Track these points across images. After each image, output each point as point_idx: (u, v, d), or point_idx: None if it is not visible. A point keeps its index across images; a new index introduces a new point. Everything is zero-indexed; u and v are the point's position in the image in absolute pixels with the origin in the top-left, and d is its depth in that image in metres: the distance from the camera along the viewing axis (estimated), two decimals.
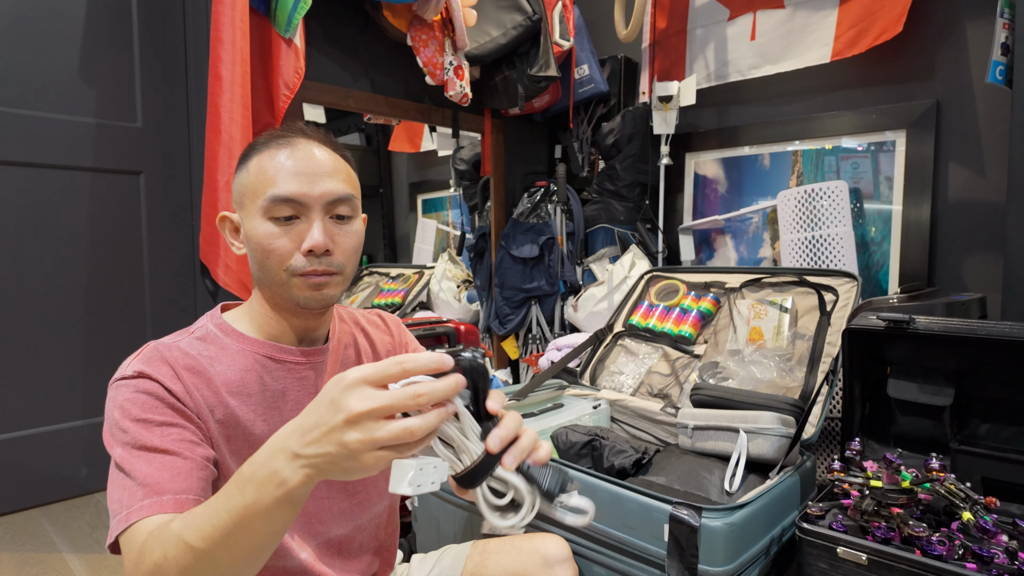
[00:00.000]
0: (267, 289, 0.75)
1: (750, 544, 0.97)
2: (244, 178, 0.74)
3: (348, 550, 0.84)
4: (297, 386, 0.78)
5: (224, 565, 0.55)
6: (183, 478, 0.63)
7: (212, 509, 0.54)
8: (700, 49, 2.27)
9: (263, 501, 0.51)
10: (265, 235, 0.71)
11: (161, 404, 0.66)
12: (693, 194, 2.33)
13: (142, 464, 0.63)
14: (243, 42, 1.50)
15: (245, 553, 0.55)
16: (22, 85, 1.74)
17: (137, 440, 0.64)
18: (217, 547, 0.53)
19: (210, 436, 0.70)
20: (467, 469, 0.53)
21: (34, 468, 1.81)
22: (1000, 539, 0.88)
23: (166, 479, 0.62)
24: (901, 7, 1.76)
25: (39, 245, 1.80)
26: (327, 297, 0.74)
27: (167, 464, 0.63)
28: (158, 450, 0.64)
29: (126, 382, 0.67)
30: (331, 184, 0.73)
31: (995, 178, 1.70)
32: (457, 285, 2.52)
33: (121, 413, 0.65)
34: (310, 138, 0.75)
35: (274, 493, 0.51)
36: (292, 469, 0.50)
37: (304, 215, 0.72)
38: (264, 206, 0.71)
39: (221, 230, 0.78)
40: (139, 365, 0.68)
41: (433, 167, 2.70)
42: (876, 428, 1.22)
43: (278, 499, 0.51)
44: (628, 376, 1.64)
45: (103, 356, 1.93)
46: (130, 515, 0.60)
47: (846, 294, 1.45)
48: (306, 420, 0.51)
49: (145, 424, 0.65)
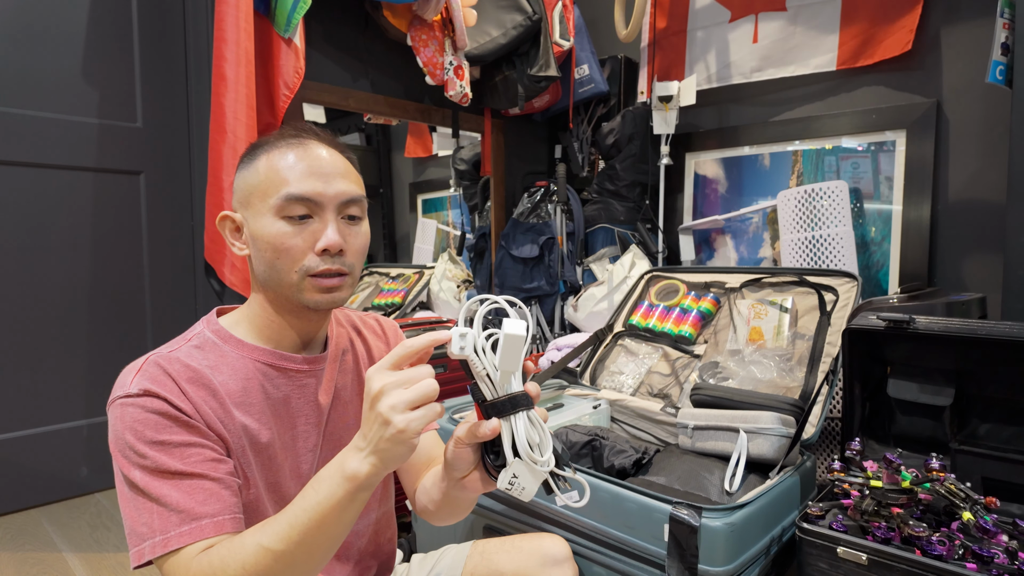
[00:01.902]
0: (272, 291, 0.74)
1: (750, 544, 0.97)
2: (251, 177, 0.73)
3: (345, 555, 0.84)
4: (299, 394, 0.78)
5: (300, 563, 0.60)
6: (214, 500, 0.64)
7: (290, 512, 0.60)
8: (701, 50, 2.26)
9: (336, 495, 0.58)
10: (278, 234, 0.70)
11: (174, 424, 0.65)
12: (693, 194, 2.33)
13: (169, 489, 0.63)
14: (247, 42, 1.51)
15: (320, 549, 0.60)
16: (23, 85, 1.74)
17: (159, 465, 0.63)
18: (297, 546, 0.59)
19: (227, 447, 0.69)
20: (514, 393, 0.61)
21: (34, 468, 1.81)
22: (1000, 539, 0.88)
23: (198, 503, 0.63)
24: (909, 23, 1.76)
25: (39, 244, 1.80)
26: (337, 300, 0.74)
27: (196, 488, 0.64)
28: (183, 474, 0.64)
29: (132, 400, 0.65)
30: (344, 185, 0.73)
31: (995, 178, 1.70)
32: (457, 285, 2.52)
33: (135, 436, 0.64)
34: (320, 139, 0.75)
35: (346, 486, 0.58)
36: (359, 460, 0.58)
37: (318, 215, 0.71)
38: (277, 205, 0.70)
39: (221, 230, 0.76)
40: (143, 382, 0.65)
41: (433, 167, 2.70)
42: (876, 428, 1.22)
43: (350, 491, 0.58)
44: (628, 376, 1.64)
45: (103, 356, 1.93)
46: (168, 541, 0.62)
47: (846, 294, 1.45)
48: (362, 422, 0.59)
49: (163, 447, 0.64)
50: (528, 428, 0.61)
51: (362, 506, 0.61)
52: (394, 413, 0.56)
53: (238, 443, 0.71)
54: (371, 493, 0.60)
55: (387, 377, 0.57)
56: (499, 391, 0.61)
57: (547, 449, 0.62)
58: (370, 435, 0.57)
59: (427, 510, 0.82)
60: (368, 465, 0.58)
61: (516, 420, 0.61)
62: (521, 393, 0.61)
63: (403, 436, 0.56)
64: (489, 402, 0.61)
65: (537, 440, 0.62)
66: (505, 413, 0.60)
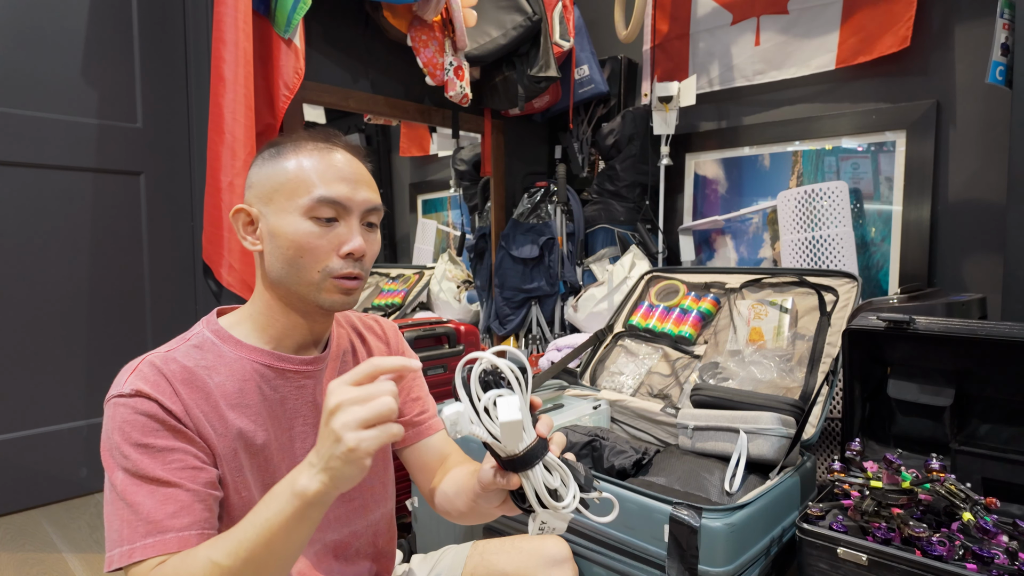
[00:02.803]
0: (285, 288, 0.74)
1: (750, 545, 0.97)
2: (278, 174, 0.73)
3: (345, 555, 0.84)
4: (296, 395, 0.78)
5: None
6: (185, 513, 0.64)
7: (240, 528, 0.59)
8: (704, 54, 2.26)
9: (285, 512, 0.57)
10: (305, 233, 0.71)
11: (161, 427, 0.65)
12: (693, 194, 2.33)
13: (143, 496, 0.63)
14: (246, 43, 1.51)
15: (269, 568, 0.59)
16: (23, 86, 1.74)
17: (138, 468, 0.63)
18: (244, 564, 0.57)
19: (213, 453, 0.69)
20: (526, 449, 0.59)
21: (34, 468, 1.81)
22: (1000, 539, 0.88)
23: (168, 515, 0.63)
24: (906, 18, 1.76)
25: (39, 245, 1.80)
26: (351, 302, 0.76)
27: (169, 497, 0.63)
28: (160, 481, 0.63)
29: (124, 400, 0.65)
30: (368, 193, 0.76)
31: (995, 178, 1.70)
32: (457, 286, 2.52)
33: (121, 436, 0.64)
34: (348, 148, 0.78)
35: (295, 503, 0.56)
36: (308, 477, 0.56)
37: (344, 219, 0.73)
38: (307, 205, 0.71)
39: (234, 223, 0.76)
40: (136, 383, 0.66)
41: (433, 167, 2.70)
42: (876, 428, 1.22)
43: (298, 509, 0.56)
44: (628, 376, 1.64)
45: (103, 356, 1.93)
46: (132, 552, 0.61)
47: (846, 294, 1.45)
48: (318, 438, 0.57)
49: (146, 450, 0.64)
50: (547, 477, 0.60)
51: (314, 525, 0.59)
52: (346, 431, 0.54)
53: (230, 447, 0.70)
54: (322, 512, 0.58)
55: (345, 393, 0.55)
56: (511, 449, 0.59)
57: (569, 492, 0.60)
58: (322, 451, 0.55)
59: (450, 514, 0.83)
60: (317, 483, 0.56)
61: (534, 474, 0.60)
62: (534, 445, 0.59)
63: (352, 455, 0.54)
64: (505, 460, 0.60)
65: (557, 484, 0.60)
66: (522, 468, 0.60)
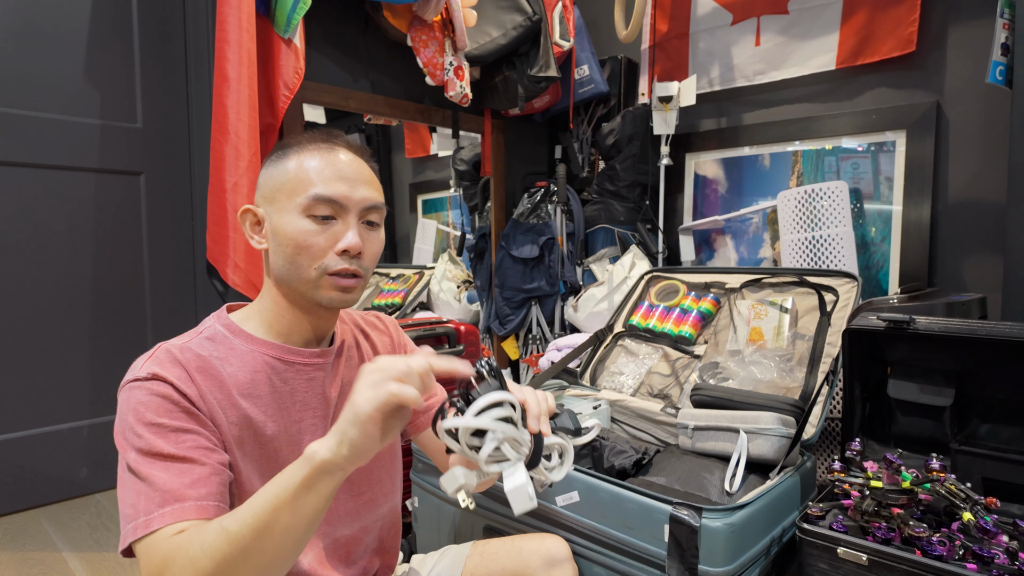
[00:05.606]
0: (288, 285, 0.76)
1: (750, 544, 0.97)
2: (280, 175, 0.75)
3: (354, 551, 0.84)
4: (305, 387, 0.79)
5: (253, 551, 0.56)
6: (202, 484, 0.64)
7: (252, 497, 0.59)
8: (704, 54, 2.26)
9: (295, 477, 0.57)
10: (302, 231, 0.73)
11: (175, 408, 0.66)
12: (693, 194, 2.33)
13: (158, 471, 0.63)
14: (250, 42, 1.51)
15: (274, 538, 0.57)
16: (24, 86, 1.74)
17: (152, 446, 0.64)
18: (251, 530, 0.56)
19: (223, 439, 0.70)
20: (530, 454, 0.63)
21: (34, 468, 1.81)
22: (1000, 539, 0.88)
23: (185, 485, 0.63)
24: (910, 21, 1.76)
25: (40, 245, 1.80)
26: (349, 300, 0.77)
27: (184, 471, 0.63)
28: (174, 457, 0.64)
29: (140, 384, 0.66)
30: (367, 191, 0.77)
31: (995, 178, 1.70)
32: (457, 285, 2.52)
33: (135, 416, 0.65)
34: (349, 147, 0.79)
35: (304, 469, 0.56)
36: (320, 443, 0.57)
37: (341, 217, 0.75)
38: (305, 203, 0.73)
39: (242, 223, 0.79)
40: (152, 367, 0.67)
41: (433, 167, 2.70)
42: (876, 428, 1.22)
43: (307, 476, 0.56)
44: (628, 376, 1.64)
45: (103, 356, 1.93)
46: (150, 522, 0.60)
47: (846, 294, 1.45)
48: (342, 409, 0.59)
49: (159, 429, 0.64)
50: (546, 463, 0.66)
51: (322, 499, 0.58)
52: (356, 394, 0.56)
53: (239, 435, 0.71)
54: (331, 486, 0.58)
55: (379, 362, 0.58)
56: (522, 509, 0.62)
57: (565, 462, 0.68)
58: (340, 421, 0.57)
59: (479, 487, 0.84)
60: (327, 449, 0.56)
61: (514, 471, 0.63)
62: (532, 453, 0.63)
63: (358, 417, 0.55)
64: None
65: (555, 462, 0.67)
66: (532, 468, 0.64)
